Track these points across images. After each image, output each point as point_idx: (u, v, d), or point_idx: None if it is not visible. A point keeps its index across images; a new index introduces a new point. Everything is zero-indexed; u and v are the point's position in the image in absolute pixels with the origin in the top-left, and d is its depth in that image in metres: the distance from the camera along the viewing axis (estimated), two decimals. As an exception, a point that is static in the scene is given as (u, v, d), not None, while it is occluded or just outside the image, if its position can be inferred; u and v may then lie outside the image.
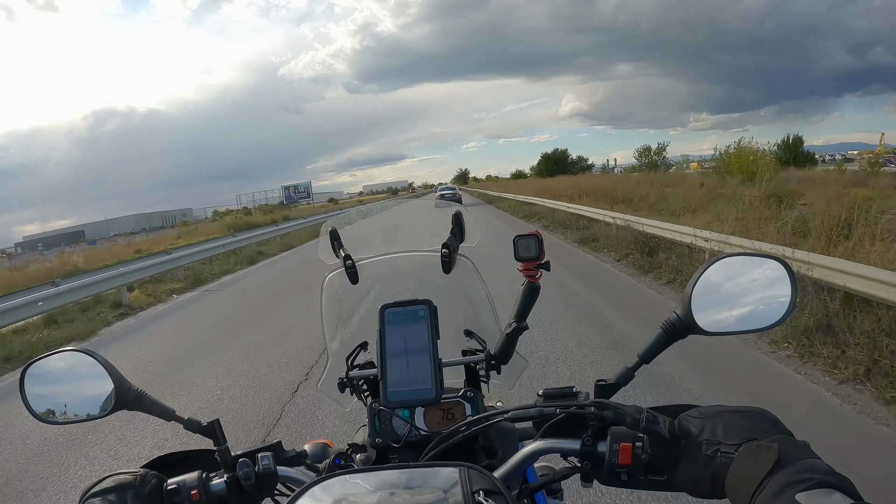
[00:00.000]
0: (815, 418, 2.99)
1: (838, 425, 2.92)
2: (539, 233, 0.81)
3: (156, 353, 5.85)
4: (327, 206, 68.27)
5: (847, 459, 2.46)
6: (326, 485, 0.55)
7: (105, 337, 7.23)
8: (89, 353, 0.73)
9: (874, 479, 2.31)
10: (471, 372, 0.90)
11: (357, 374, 0.89)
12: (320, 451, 0.80)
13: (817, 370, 3.63)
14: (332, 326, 0.95)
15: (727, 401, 0.67)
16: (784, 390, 3.42)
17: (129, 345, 6.52)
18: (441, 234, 0.87)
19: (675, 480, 0.61)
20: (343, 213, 1.07)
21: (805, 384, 3.48)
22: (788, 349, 4.00)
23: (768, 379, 3.61)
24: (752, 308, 0.68)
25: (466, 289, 0.93)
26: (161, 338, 6.59)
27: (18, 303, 7.29)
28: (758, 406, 0.61)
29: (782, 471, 0.49)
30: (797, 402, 3.23)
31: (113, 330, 7.60)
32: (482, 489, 0.52)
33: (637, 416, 0.61)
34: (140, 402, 0.74)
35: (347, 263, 0.88)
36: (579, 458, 0.65)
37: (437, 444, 0.70)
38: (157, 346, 6.19)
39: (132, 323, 7.87)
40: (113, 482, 0.67)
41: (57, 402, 0.75)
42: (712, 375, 3.64)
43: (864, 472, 2.35)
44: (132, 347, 6.31)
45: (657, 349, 0.70)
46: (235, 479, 0.71)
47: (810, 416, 3.00)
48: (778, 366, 3.80)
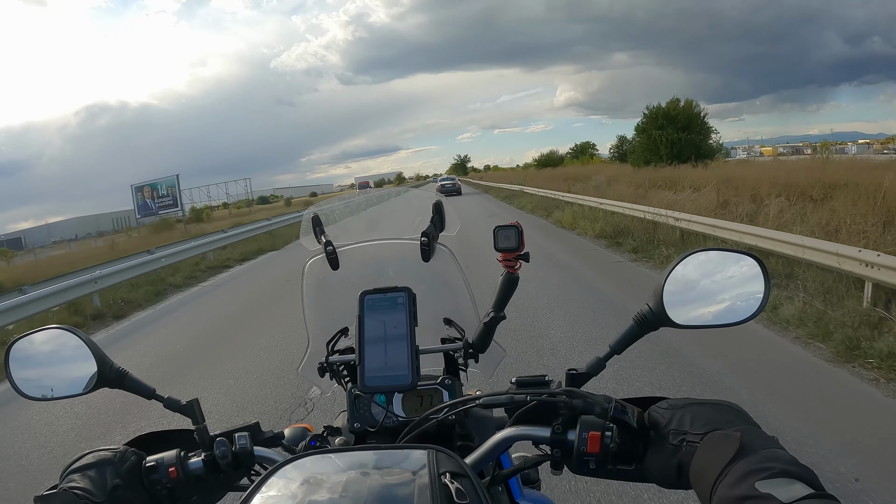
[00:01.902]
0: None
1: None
2: (519, 224, 0.82)
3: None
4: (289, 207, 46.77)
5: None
6: (299, 464, 0.56)
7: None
8: (73, 330, 0.75)
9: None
10: (450, 360, 0.91)
11: (337, 358, 0.90)
12: (299, 435, 0.82)
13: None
14: (312, 311, 0.96)
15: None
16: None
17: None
18: (421, 222, 0.88)
19: (644, 470, 0.62)
20: (324, 203, 1.07)
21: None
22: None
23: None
24: (725, 303, 0.69)
25: (445, 277, 0.94)
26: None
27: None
28: (727, 400, 0.62)
29: (744, 459, 0.49)
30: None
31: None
32: (449, 471, 0.54)
33: (606, 406, 0.62)
34: (122, 380, 0.75)
35: (328, 249, 0.89)
36: (550, 446, 0.66)
37: (412, 430, 0.71)
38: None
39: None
40: (93, 458, 0.68)
41: (40, 378, 0.77)
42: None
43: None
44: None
45: (629, 340, 0.71)
46: (213, 458, 0.72)
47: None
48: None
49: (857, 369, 3.39)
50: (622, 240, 8.71)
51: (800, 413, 2.84)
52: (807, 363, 3.57)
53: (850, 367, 3.44)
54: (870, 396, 3.07)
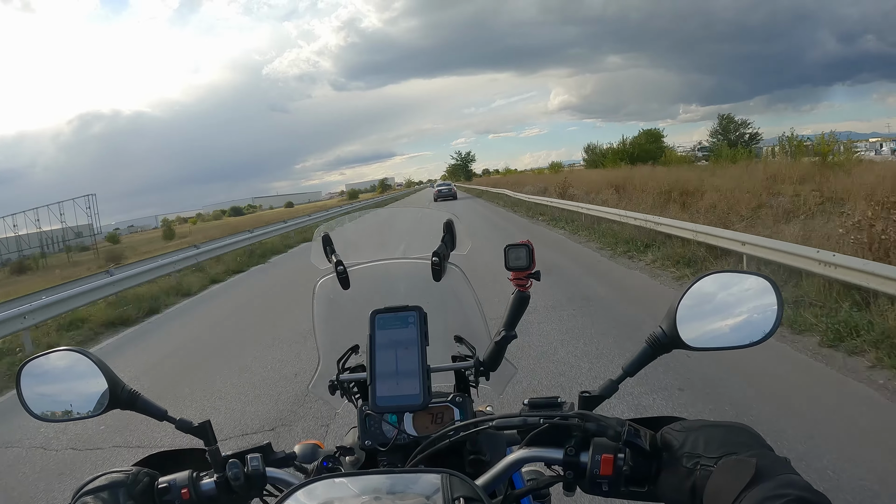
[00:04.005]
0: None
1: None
2: (530, 242, 0.82)
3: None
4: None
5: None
6: (312, 488, 0.56)
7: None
8: (84, 352, 0.75)
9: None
10: (460, 377, 0.91)
11: (347, 376, 0.90)
12: (310, 453, 0.82)
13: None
14: (323, 330, 0.96)
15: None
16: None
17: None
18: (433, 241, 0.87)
19: (657, 492, 0.62)
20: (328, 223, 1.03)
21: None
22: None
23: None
24: (738, 324, 0.69)
25: (457, 296, 0.94)
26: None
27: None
28: (740, 422, 0.62)
29: (759, 485, 0.49)
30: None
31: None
32: (462, 496, 0.54)
33: (619, 429, 0.62)
34: (133, 401, 0.75)
35: (339, 269, 0.89)
36: (562, 468, 0.66)
37: (423, 450, 0.71)
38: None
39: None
40: (105, 480, 0.68)
41: (52, 400, 0.77)
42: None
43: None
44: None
45: (642, 363, 0.71)
46: (225, 479, 0.72)
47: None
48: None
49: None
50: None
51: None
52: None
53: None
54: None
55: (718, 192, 11.01)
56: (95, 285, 8.26)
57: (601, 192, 16.11)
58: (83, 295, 7.78)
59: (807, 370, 3.55)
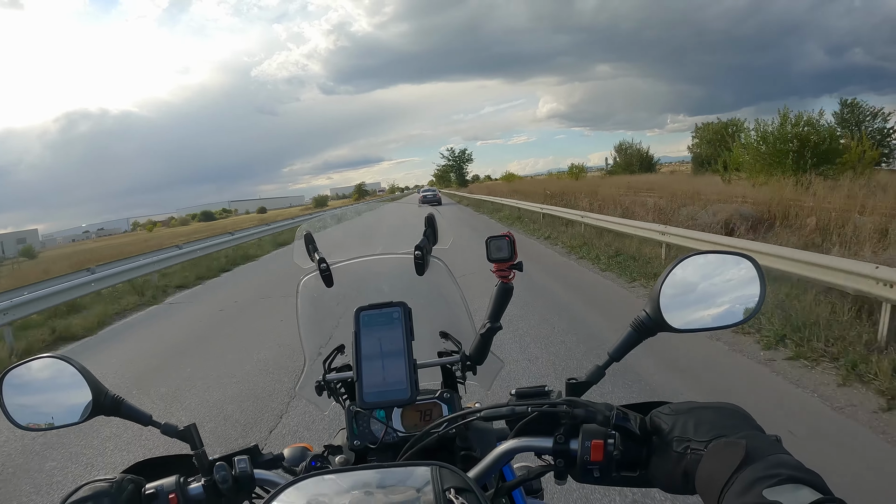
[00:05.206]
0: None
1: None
2: (511, 234, 0.82)
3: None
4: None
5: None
6: (301, 486, 0.55)
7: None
8: (67, 359, 0.74)
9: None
10: (447, 373, 0.90)
11: (334, 376, 0.89)
12: (299, 455, 0.81)
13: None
14: (307, 330, 0.95)
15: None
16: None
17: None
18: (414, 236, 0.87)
19: (648, 476, 0.62)
20: (311, 220, 1.05)
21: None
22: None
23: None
24: (721, 305, 0.69)
25: (440, 291, 0.94)
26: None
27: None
28: (729, 402, 0.62)
29: (750, 467, 0.49)
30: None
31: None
32: (453, 487, 0.53)
33: (607, 414, 0.62)
34: (117, 407, 0.75)
35: (322, 267, 0.88)
36: (552, 456, 0.66)
37: (413, 445, 0.71)
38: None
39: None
40: (90, 490, 0.67)
41: (35, 408, 0.76)
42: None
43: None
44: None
45: (627, 347, 0.71)
46: (213, 482, 0.71)
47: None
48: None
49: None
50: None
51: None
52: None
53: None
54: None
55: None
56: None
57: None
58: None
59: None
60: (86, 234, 51.78)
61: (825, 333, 3.97)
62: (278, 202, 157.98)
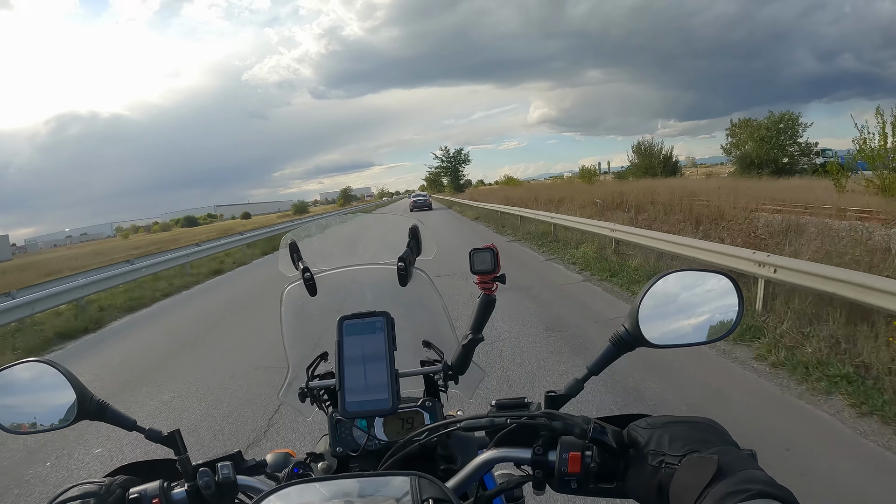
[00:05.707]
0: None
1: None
2: (494, 246, 0.83)
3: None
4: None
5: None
6: (283, 493, 0.56)
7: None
8: (52, 363, 0.74)
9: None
10: (430, 382, 0.91)
11: (317, 384, 0.90)
12: (282, 461, 0.81)
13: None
14: (291, 337, 0.96)
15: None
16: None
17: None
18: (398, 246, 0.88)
19: (625, 489, 0.63)
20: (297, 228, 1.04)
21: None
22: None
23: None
24: (700, 321, 0.70)
25: (423, 301, 0.95)
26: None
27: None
28: (705, 417, 0.64)
29: (722, 482, 0.50)
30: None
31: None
32: (432, 497, 0.54)
33: (585, 427, 0.63)
34: (102, 412, 0.75)
35: (306, 276, 0.89)
36: (531, 467, 0.67)
37: (394, 454, 0.72)
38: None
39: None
40: (78, 491, 0.68)
41: (20, 411, 0.76)
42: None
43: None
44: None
45: (606, 361, 0.72)
46: (196, 488, 0.72)
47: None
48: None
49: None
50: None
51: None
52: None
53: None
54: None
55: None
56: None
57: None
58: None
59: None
60: (68, 239, 48.87)
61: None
62: (266, 207, 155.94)
